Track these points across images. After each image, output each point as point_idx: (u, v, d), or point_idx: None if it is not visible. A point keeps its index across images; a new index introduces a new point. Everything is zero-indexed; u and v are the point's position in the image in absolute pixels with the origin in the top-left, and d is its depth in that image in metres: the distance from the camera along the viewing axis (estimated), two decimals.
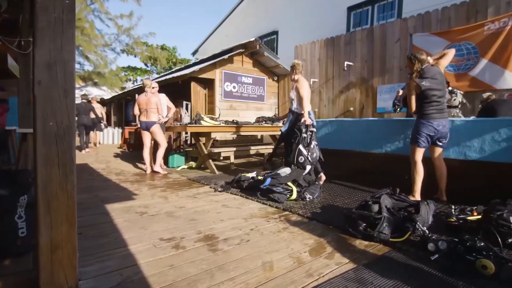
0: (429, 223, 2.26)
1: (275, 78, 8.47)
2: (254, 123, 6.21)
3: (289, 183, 3.15)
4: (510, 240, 1.97)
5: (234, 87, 7.52)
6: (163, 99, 5.43)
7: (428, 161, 3.23)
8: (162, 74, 12.61)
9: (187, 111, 7.26)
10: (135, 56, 19.68)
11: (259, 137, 7.83)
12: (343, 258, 1.86)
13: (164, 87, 6.75)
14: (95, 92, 15.60)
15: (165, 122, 5.34)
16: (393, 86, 5.85)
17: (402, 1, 6.85)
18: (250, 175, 3.85)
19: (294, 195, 3.09)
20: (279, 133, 6.59)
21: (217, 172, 5.02)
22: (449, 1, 5.42)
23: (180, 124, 5.64)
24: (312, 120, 4.00)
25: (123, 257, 1.85)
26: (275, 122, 6.27)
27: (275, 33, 10.18)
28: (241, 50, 7.49)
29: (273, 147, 6.06)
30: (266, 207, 2.99)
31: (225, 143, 7.12)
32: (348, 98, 6.72)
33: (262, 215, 2.73)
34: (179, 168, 5.49)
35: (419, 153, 3.10)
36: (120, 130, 12.44)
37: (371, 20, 7.50)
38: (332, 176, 4.33)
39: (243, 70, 7.76)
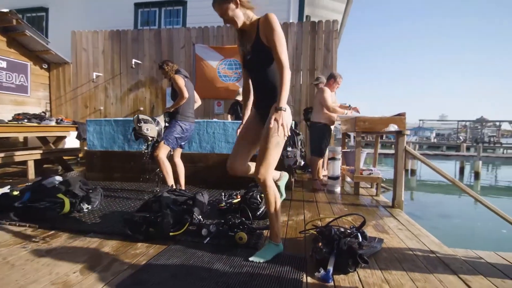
0: (205, 211, 2.58)
1: (45, 66, 6.83)
2: (10, 121, 4.72)
3: (59, 195, 2.61)
4: (258, 213, 2.61)
5: None
6: None
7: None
8: None
9: None
10: None
11: (21, 139, 6.05)
12: (122, 266, 1.75)
13: None
14: None
15: None
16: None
17: (186, 11, 7.47)
18: (1, 191, 2.88)
19: (67, 208, 2.60)
20: (50, 134, 5.36)
21: None
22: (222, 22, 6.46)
23: None
24: None
25: None
26: (44, 121, 5.06)
27: (45, 10, 8.22)
28: None
29: (41, 151, 4.86)
30: (24, 230, 2.33)
31: None
32: (138, 97, 6.53)
33: (17, 242, 2.10)
34: None
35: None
36: None
37: (158, 22, 7.65)
38: (114, 178, 4.14)
39: None
